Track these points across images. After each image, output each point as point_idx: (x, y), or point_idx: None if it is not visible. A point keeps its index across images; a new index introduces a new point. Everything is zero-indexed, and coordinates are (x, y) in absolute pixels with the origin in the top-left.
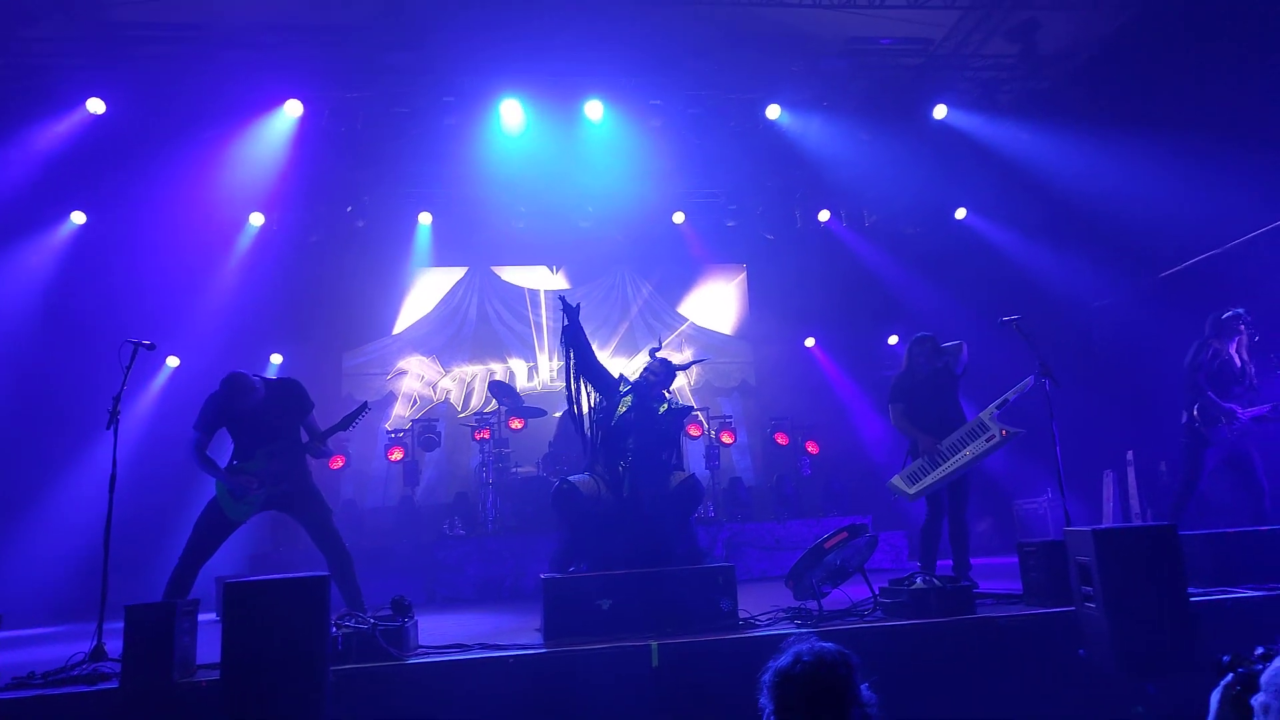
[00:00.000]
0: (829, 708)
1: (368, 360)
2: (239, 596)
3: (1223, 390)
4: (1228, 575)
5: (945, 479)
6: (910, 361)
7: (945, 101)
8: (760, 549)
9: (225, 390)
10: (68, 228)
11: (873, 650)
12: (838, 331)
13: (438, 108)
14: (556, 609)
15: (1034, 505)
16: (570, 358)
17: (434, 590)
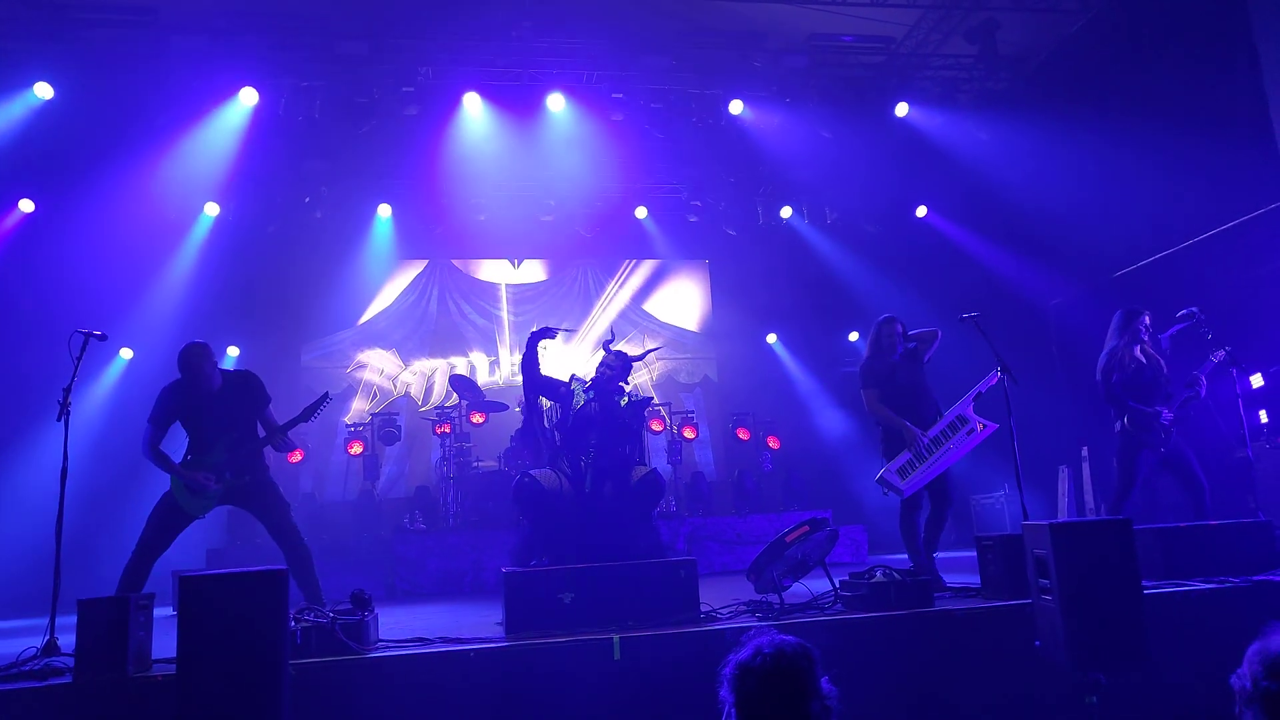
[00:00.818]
0: (789, 701)
1: (327, 353)
2: (196, 590)
3: (1142, 393)
4: (1178, 569)
5: (930, 475)
6: (879, 344)
7: (906, 100)
8: (721, 543)
9: (185, 363)
10: (15, 216)
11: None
12: (799, 328)
13: (397, 98)
14: (518, 603)
15: (991, 500)
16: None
17: (394, 584)
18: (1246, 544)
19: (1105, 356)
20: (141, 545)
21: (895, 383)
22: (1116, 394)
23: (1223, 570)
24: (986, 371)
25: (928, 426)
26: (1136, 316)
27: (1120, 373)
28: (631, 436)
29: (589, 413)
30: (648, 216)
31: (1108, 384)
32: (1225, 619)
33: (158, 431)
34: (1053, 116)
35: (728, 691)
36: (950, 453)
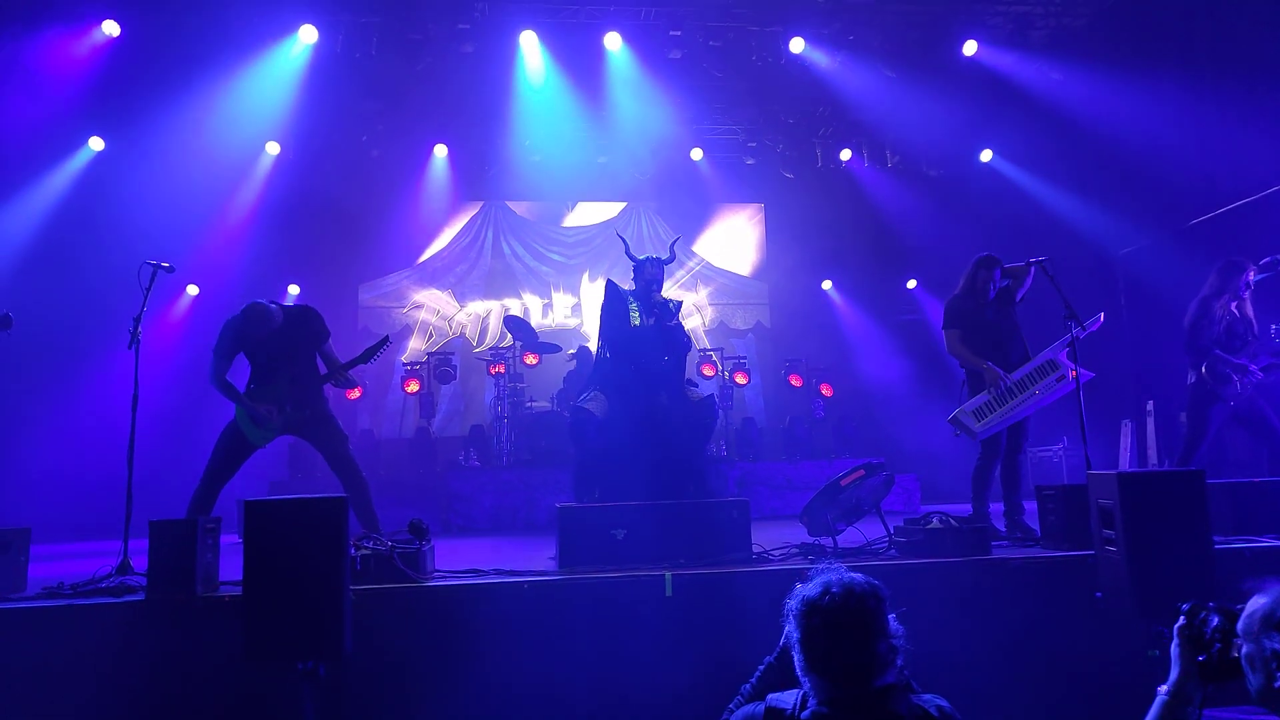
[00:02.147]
0: (858, 640)
1: (384, 293)
2: (259, 515)
3: (1229, 345)
4: (1247, 525)
5: (1010, 419)
6: (973, 282)
7: (975, 37)
8: (771, 488)
9: (243, 319)
10: (86, 154)
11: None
12: (855, 274)
13: (453, 34)
14: (571, 537)
15: (1049, 453)
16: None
17: (448, 520)
18: None
19: (1196, 304)
20: (209, 472)
21: (982, 322)
22: (1200, 343)
23: None
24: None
25: (1015, 369)
26: (1239, 271)
27: (1208, 323)
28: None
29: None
30: (704, 159)
31: (1193, 332)
32: None
33: (222, 363)
34: (1130, 56)
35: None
36: (1035, 399)
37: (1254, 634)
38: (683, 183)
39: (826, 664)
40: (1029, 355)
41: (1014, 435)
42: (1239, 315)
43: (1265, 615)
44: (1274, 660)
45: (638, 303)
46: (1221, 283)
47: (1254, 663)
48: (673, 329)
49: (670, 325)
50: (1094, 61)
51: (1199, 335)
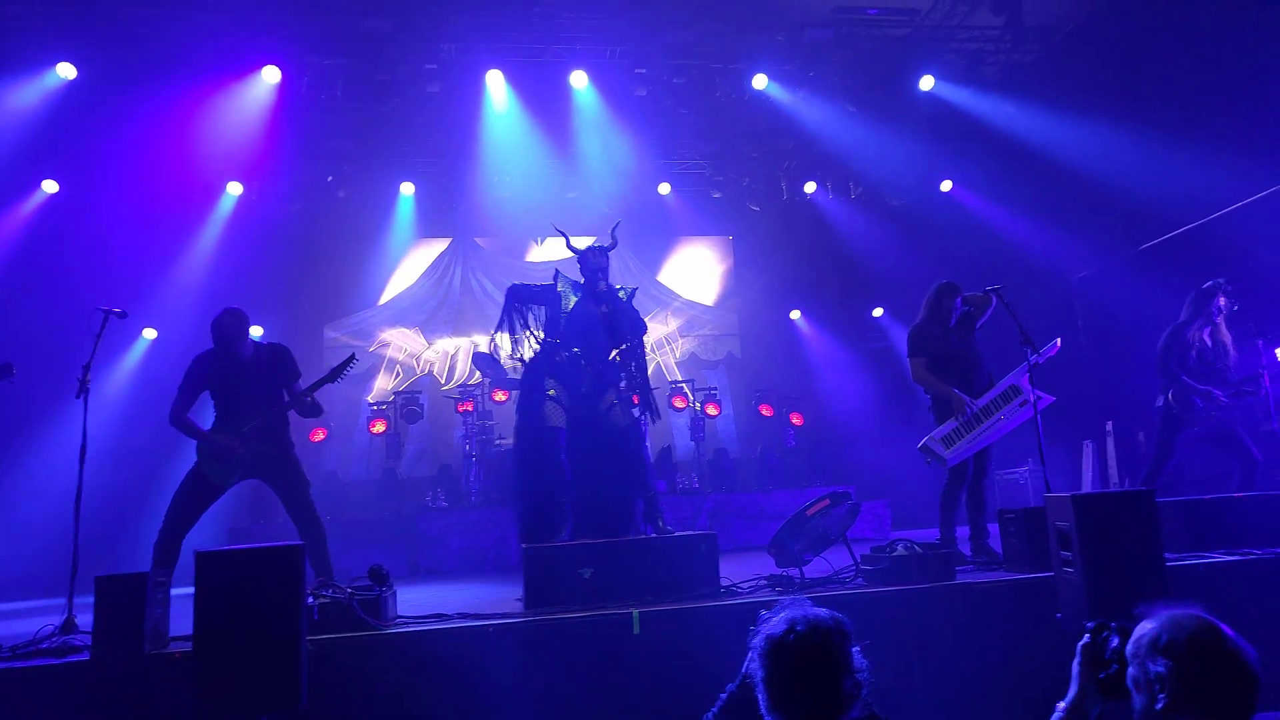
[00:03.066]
0: (823, 676)
1: (350, 332)
2: (213, 565)
3: (1200, 372)
4: (1200, 540)
5: (978, 445)
6: (935, 310)
7: (932, 73)
8: (744, 519)
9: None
10: (39, 196)
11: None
12: (823, 304)
13: (420, 76)
14: (537, 578)
15: (1014, 475)
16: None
17: (416, 562)
18: (1271, 516)
19: (1170, 330)
20: (170, 520)
21: (947, 350)
22: (1170, 369)
23: (1246, 542)
24: (1011, 344)
25: (979, 395)
26: (1210, 297)
27: (1179, 349)
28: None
29: (586, 309)
30: (671, 193)
31: (1163, 358)
32: (1246, 590)
33: (186, 399)
34: (1080, 88)
35: (758, 665)
36: (1000, 424)
37: (1140, 657)
38: (651, 216)
39: (792, 704)
40: (993, 381)
41: (979, 461)
42: (1211, 342)
43: (1151, 640)
44: (1157, 683)
45: (586, 293)
46: (1194, 310)
47: (1139, 684)
48: (624, 313)
49: (622, 310)
50: (1045, 94)
51: (1169, 361)
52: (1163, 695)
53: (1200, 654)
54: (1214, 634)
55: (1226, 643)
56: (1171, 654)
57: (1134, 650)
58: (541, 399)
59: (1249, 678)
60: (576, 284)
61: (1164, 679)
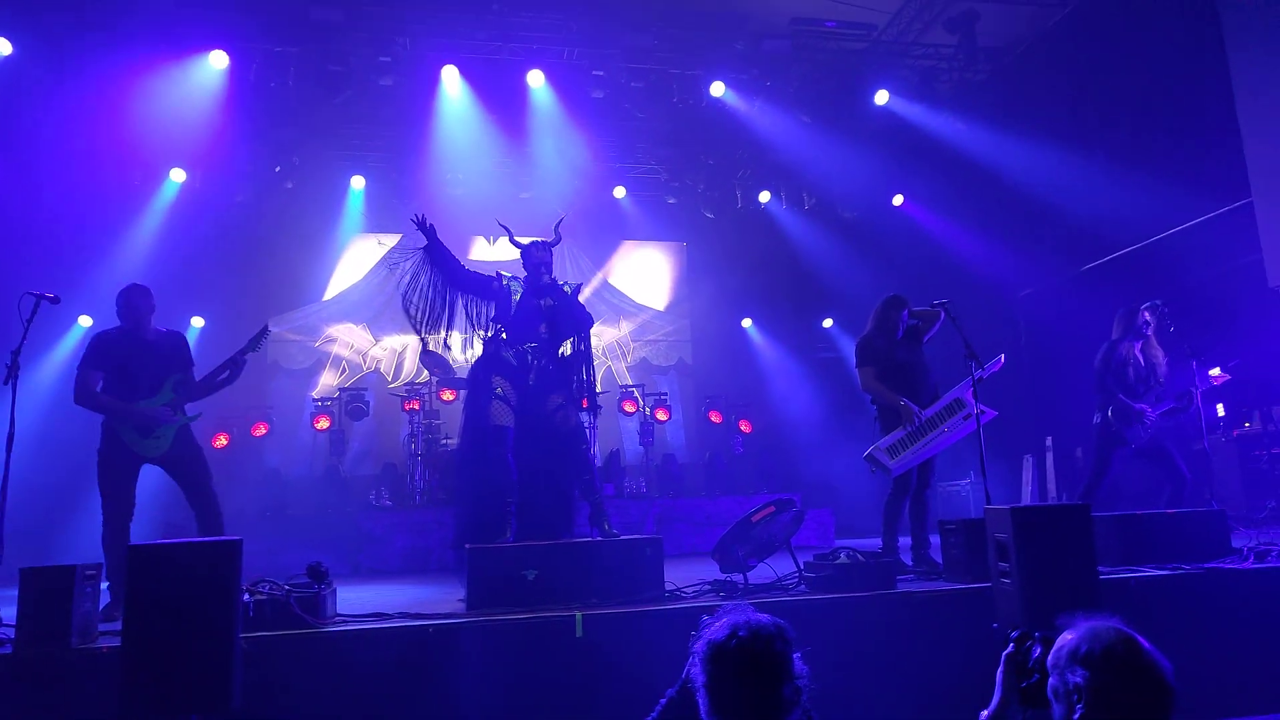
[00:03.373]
0: (764, 682)
1: (295, 326)
2: (145, 560)
3: (1133, 390)
4: (1133, 555)
5: (922, 456)
6: (883, 321)
7: (887, 88)
8: (691, 524)
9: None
10: None
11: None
12: (774, 312)
13: (373, 68)
14: (480, 579)
15: (957, 487)
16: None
17: (359, 561)
18: (1200, 532)
19: (1105, 349)
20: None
21: (894, 361)
22: (1106, 386)
23: (1176, 557)
24: (956, 359)
25: (925, 407)
26: (1136, 313)
27: (1115, 366)
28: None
29: (532, 303)
30: (626, 196)
31: (1099, 376)
32: (1176, 604)
33: (96, 375)
34: (1029, 109)
35: (700, 671)
36: (944, 436)
37: (1060, 667)
38: (605, 220)
39: (732, 709)
40: (938, 394)
41: (923, 472)
42: (1143, 359)
43: (1071, 650)
44: (1075, 693)
45: (529, 288)
46: (1124, 327)
47: (1058, 694)
48: (569, 307)
49: (567, 304)
50: (996, 113)
51: (1106, 378)
52: (1080, 706)
53: (1116, 666)
54: (1130, 646)
55: (1142, 655)
56: (1089, 665)
57: (1054, 661)
58: (489, 397)
59: (1163, 690)
60: (522, 280)
61: (1081, 690)
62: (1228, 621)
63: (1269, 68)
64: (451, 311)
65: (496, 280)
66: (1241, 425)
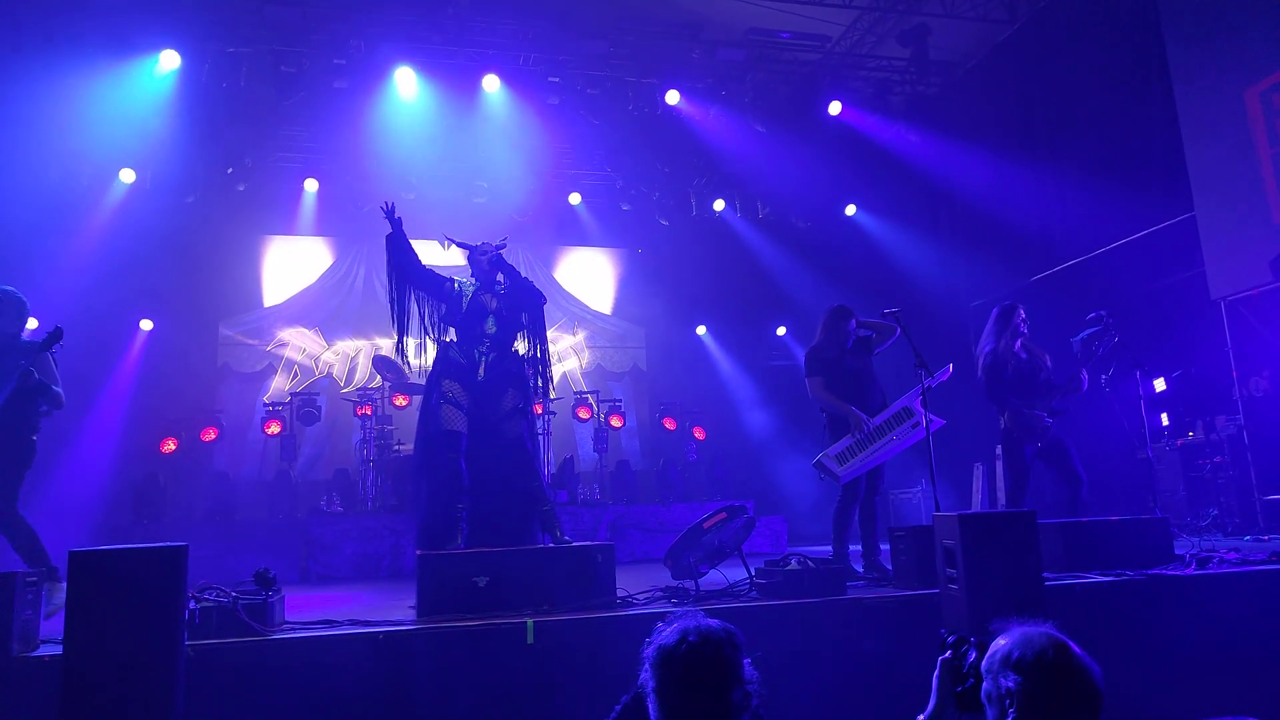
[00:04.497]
0: (713, 686)
1: (246, 330)
2: (87, 566)
3: (1025, 389)
4: (1077, 562)
5: (870, 463)
6: (832, 331)
7: (840, 99)
8: (644, 531)
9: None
10: None
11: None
12: (728, 320)
13: (327, 69)
14: (431, 585)
15: (909, 495)
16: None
17: (308, 568)
18: (1143, 539)
19: (987, 356)
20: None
21: (842, 369)
22: (999, 392)
23: (1120, 564)
24: (906, 368)
25: (873, 415)
26: (1013, 312)
27: (1004, 371)
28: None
29: (480, 302)
30: (581, 203)
31: (991, 383)
32: (1120, 610)
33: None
34: (979, 122)
35: (649, 675)
36: (893, 444)
37: (993, 672)
38: (560, 226)
39: (682, 714)
40: (886, 402)
41: (871, 479)
42: (1027, 357)
43: (1004, 656)
44: (1007, 698)
45: (479, 287)
46: (999, 329)
47: (991, 699)
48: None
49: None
50: (946, 126)
51: (993, 385)
52: (1012, 710)
53: (1047, 670)
54: (1061, 651)
55: (1072, 659)
56: (1020, 669)
57: (988, 665)
58: (440, 402)
59: (1092, 694)
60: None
61: (1013, 694)
62: (1171, 627)
63: (1210, 84)
64: (404, 309)
65: (449, 283)
66: (1185, 435)
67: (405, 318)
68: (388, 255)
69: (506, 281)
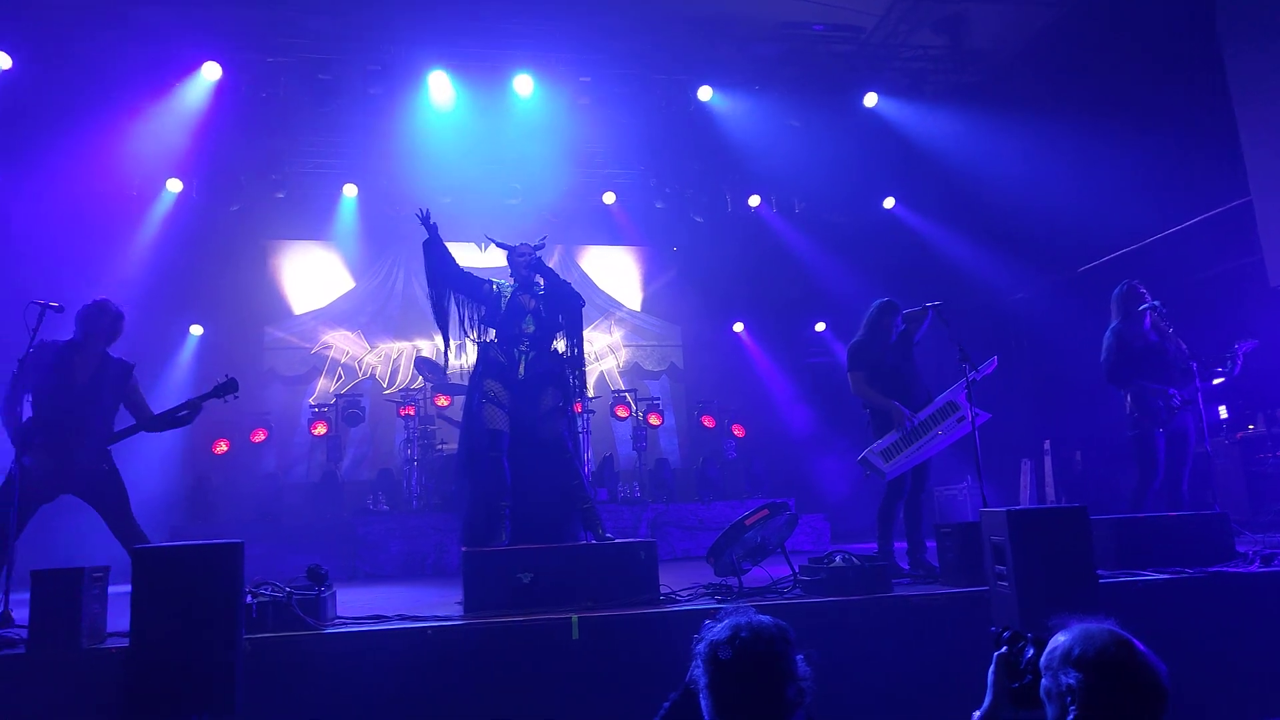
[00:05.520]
0: (765, 683)
1: (291, 333)
2: (150, 562)
3: (1153, 371)
4: (1133, 559)
5: (916, 459)
6: (877, 327)
7: (876, 90)
8: (683, 529)
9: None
10: None
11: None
12: (766, 317)
13: (363, 76)
14: (477, 582)
15: (953, 492)
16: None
17: (355, 566)
18: (1202, 536)
19: (1110, 335)
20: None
21: (886, 365)
22: (1122, 373)
23: (1177, 561)
24: (949, 362)
25: (917, 410)
26: (1133, 289)
27: (1128, 349)
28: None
29: (519, 302)
30: (615, 202)
31: (1112, 363)
32: (1178, 609)
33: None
34: (1021, 111)
35: (701, 671)
36: (938, 439)
37: (1053, 669)
38: (594, 225)
39: (734, 710)
40: (931, 397)
41: (917, 475)
42: (1156, 339)
43: (1064, 652)
44: (1068, 694)
45: (515, 288)
46: (1124, 308)
47: (1050, 696)
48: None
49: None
50: (987, 115)
51: (1115, 364)
52: (1073, 707)
53: (1110, 667)
54: (1124, 648)
55: (1136, 656)
56: (1082, 666)
57: (1047, 662)
58: (481, 401)
59: (1157, 692)
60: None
61: (1074, 691)
62: (1232, 626)
63: (1265, 64)
64: (444, 312)
65: (488, 284)
66: (1245, 428)
67: (446, 319)
68: (426, 261)
69: (545, 284)
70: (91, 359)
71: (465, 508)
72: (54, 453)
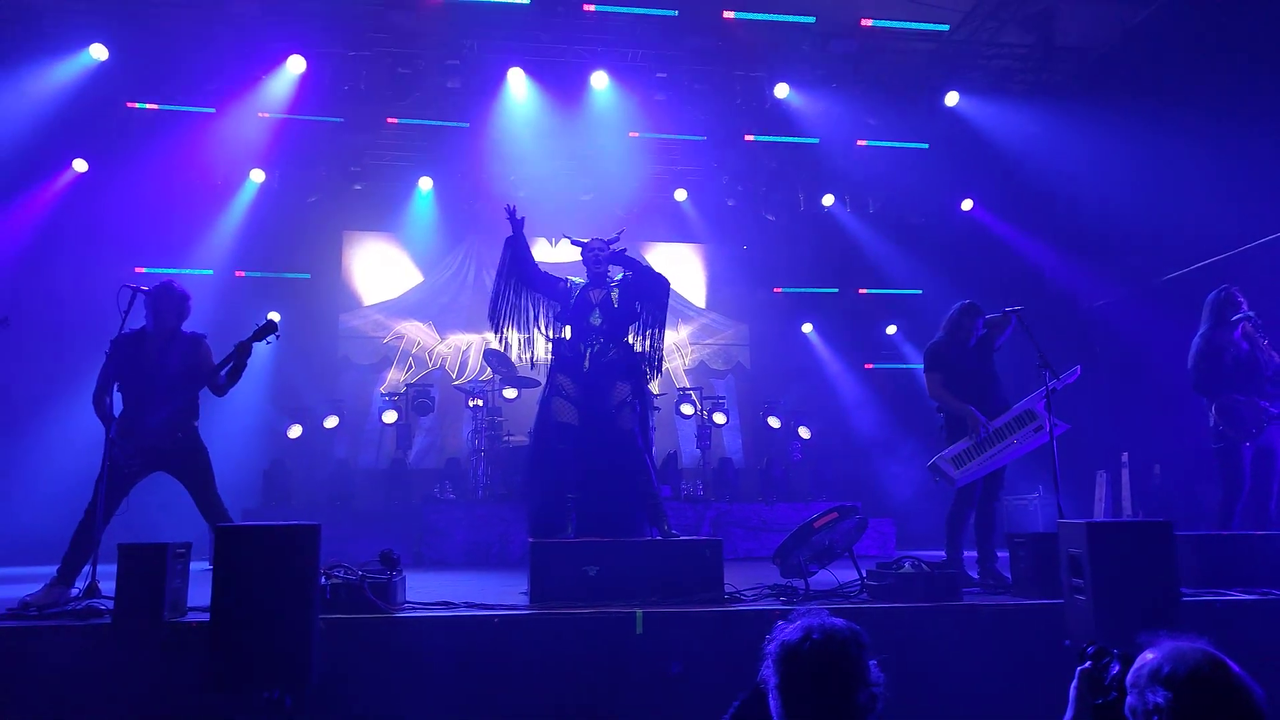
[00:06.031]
0: (837, 686)
1: (365, 322)
2: (231, 541)
3: (1241, 382)
4: (1215, 577)
5: (988, 468)
6: (956, 329)
7: (957, 89)
8: (746, 529)
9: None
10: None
11: None
12: (835, 318)
13: (442, 71)
14: (543, 573)
15: (1024, 502)
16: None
17: (421, 553)
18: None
19: (1197, 342)
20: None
21: (964, 369)
22: (1209, 383)
23: (1265, 582)
24: (1027, 369)
25: (994, 417)
26: (1228, 297)
27: (1217, 359)
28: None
29: (586, 297)
30: (687, 199)
31: (1200, 372)
32: (1264, 631)
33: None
34: (1108, 112)
35: (772, 672)
36: (1013, 448)
37: (1140, 687)
38: (666, 222)
39: (804, 713)
40: (1008, 404)
41: (990, 484)
42: (1248, 348)
43: (1153, 670)
44: (1155, 713)
45: (587, 283)
46: (1216, 314)
47: (1135, 713)
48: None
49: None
50: (1072, 116)
51: (1203, 373)
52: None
53: (1202, 688)
54: (1218, 669)
55: (1231, 678)
56: (1172, 685)
57: (1134, 679)
58: (552, 395)
59: (1253, 716)
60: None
61: (1162, 710)
62: None
63: None
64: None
65: (563, 282)
66: None
67: (517, 315)
68: (507, 256)
69: (631, 275)
70: (164, 339)
71: (534, 499)
72: (142, 436)
